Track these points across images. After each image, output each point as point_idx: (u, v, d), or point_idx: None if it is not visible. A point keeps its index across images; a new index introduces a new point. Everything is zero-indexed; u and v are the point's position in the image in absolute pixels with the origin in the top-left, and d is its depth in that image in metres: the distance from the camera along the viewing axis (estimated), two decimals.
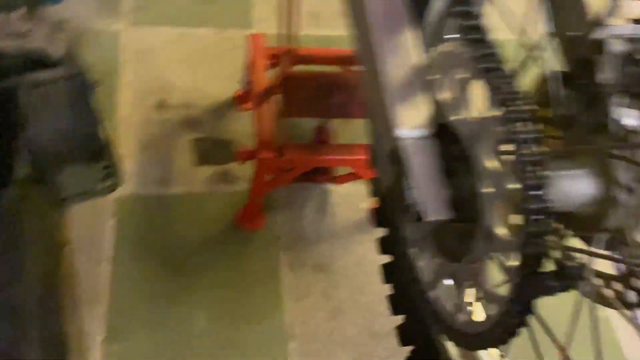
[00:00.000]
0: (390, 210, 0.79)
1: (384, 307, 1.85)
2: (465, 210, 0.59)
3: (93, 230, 1.84)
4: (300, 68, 1.79)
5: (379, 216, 1.06)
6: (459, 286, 0.64)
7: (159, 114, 2.13)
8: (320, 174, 1.97)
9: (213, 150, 1.66)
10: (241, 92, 2.16)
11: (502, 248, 0.54)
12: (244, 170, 2.01)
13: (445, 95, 0.68)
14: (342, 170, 2.02)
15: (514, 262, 0.53)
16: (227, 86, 2.19)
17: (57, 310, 1.52)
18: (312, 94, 1.59)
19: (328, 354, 1.71)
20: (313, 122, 1.92)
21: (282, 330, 1.73)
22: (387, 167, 0.67)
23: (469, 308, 0.63)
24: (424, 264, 0.75)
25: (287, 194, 2.02)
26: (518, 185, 0.52)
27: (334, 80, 1.63)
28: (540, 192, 0.51)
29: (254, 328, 1.72)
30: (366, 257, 1.92)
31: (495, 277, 0.59)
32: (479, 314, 0.62)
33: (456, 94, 0.65)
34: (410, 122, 0.65)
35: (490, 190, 0.55)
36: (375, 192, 1.07)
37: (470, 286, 0.63)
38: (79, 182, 1.90)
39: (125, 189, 1.92)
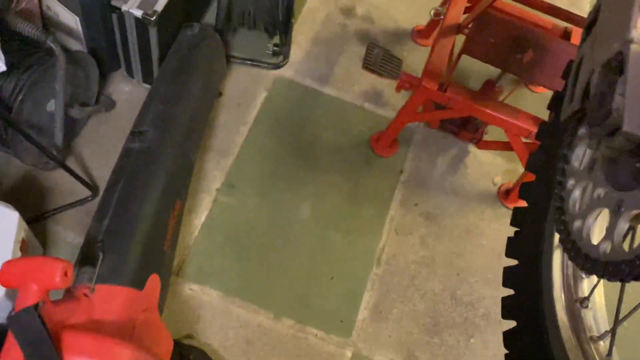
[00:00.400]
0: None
1: (476, 278, 1.82)
2: None
3: (246, 95, 1.95)
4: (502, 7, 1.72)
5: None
6: (618, 215, 0.61)
7: (343, 17, 2.18)
8: (468, 131, 1.92)
9: (382, 61, 1.68)
10: (423, 27, 2.14)
11: None
12: (396, 99, 2.01)
13: None
14: (490, 137, 1.96)
15: None
16: (415, 16, 2.18)
17: (198, 135, 1.66)
18: (503, 41, 1.53)
19: (404, 294, 1.71)
20: (486, 74, 1.87)
21: (372, 253, 1.76)
22: (599, 75, 0.63)
23: (622, 236, 0.60)
24: (579, 193, 0.71)
25: (426, 136, 2.00)
26: None
27: (532, 35, 1.55)
28: None
29: (349, 239, 1.76)
30: (478, 227, 1.88)
31: None
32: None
33: None
34: None
35: None
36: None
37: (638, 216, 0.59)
38: (249, 48, 2.02)
39: (286, 71, 2.01)
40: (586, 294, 0.85)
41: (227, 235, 1.70)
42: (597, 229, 0.68)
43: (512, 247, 0.98)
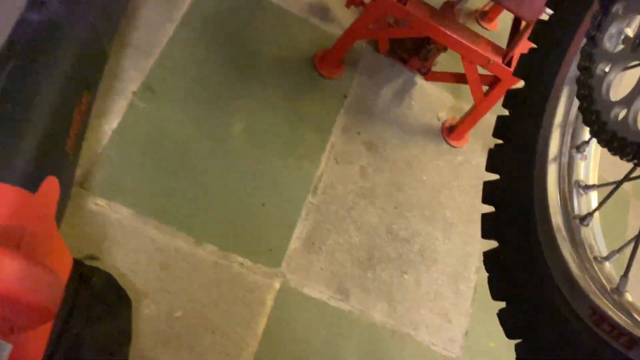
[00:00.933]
0: None
1: (414, 214, 1.72)
2: None
3: None
4: None
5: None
6: None
7: None
8: (419, 58, 1.78)
9: None
10: None
11: None
12: (345, 15, 1.82)
13: None
14: (440, 69, 1.84)
15: None
16: None
17: (116, 19, 1.37)
18: None
19: (340, 226, 1.57)
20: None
21: (309, 180, 1.59)
22: None
23: None
24: (614, 77, 0.59)
25: (374, 62, 1.84)
26: None
27: None
28: None
29: (285, 163, 1.58)
30: (419, 161, 1.77)
31: None
32: None
33: None
34: None
35: None
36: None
37: None
38: None
39: None
40: (584, 212, 0.73)
41: (143, 147, 1.45)
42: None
43: (495, 161, 0.84)
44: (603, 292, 0.63)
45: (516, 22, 1.62)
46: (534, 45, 0.87)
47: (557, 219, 0.71)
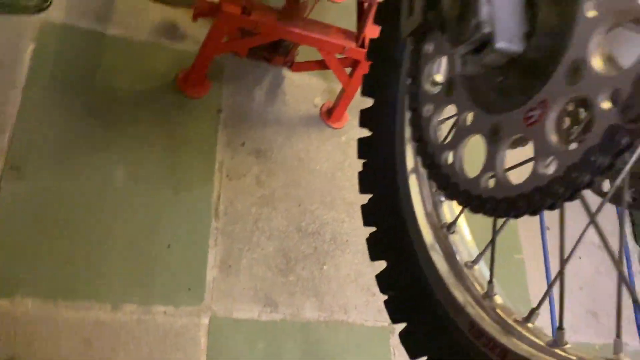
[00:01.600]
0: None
1: (316, 205, 1.78)
2: (545, 40, 0.48)
3: (7, 51, 1.55)
4: None
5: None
6: (496, 142, 0.54)
7: None
8: (280, 54, 1.79)
9: None
10: None
11: (597, 85, 0.42)
12: (196, 29, 1.78)
13: None
14: (303, 58, 1.86)
15: (607, 104, 0.43)
16: None
17: None
18: None
19: (250, 239, 1.61)
20: None
21: (208, 206, 1.60)
22: None
23: (504, 169, 0.54)
24: (438, 121, 0.64)
25: (238, 68, 1.83)
26: None
27: None
28: None
29: (179, 197, 1.57)
30: (308, 152, 1.81)
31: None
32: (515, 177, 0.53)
33: None
34: None
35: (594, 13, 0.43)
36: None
37: (517, 141, 0.53)
38: None
39: (54, 14, 1.64)
40: (449, 220, 0.81)
41: (26, 230, 1.39)
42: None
43: (365, 182, 0.90)
44: (477, 301, 0.71)
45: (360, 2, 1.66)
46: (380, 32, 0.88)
47: (426, 231, 0.78)
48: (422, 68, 0.69)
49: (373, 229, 0.89)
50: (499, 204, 0.54)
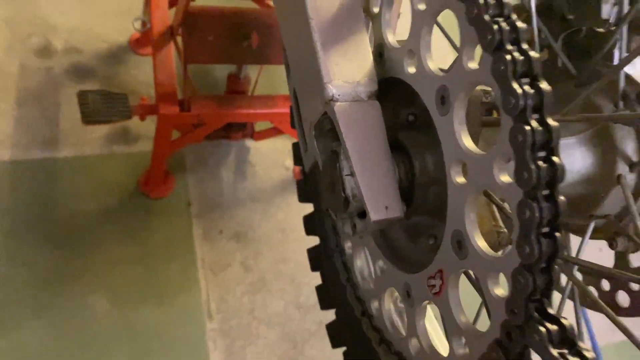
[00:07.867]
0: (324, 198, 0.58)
1: (310, 275, 1.70)
2: (425, 202, 0.41)
3: None
4: (207, 3, 1.51)
5: (305, 189, 0.85)
6: (412, 303, 0.46)
7: (42, 60, 1.78)
8: (236, 130, 1.73)
9: (103, 106, 1.37)
10: (139, 35, 1.85)
11: (483, 265, 0.35)
12: (146, 127, 1.73)
13: (393, 36, 0.47)
14: (261, 125, 1.79)
15: (499, 290, 0.35)
16: (124, 26, 1.87)
17: None
18: (222, 35, 1.33)
19: (251, 333, 1.53)
20: (225, 70, 1.66)
21: (199, 309, 1.53)
22: (315, 140, 0.46)
23: (427, 335, 0.46)
24: (362, 264, 0.56)
25: (198, 154, 1.77)
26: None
27: (249, 19, 1.37)
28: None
29: (166, 309, 1.50)
30: (289, 222, 1.74)
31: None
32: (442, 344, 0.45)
33: (415, 33, 0.44)
34: (346, 75, 0.43)
35: (463, 181, 0.36)
36: (299, 162, 0.86)
37: (427, 305, 0.45)
38: None
39: (0, 153, 1.60)
40: None
41: None
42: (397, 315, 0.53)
43: (324, 299, 0.83)
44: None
45: None
46: None
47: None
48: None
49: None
50: None
